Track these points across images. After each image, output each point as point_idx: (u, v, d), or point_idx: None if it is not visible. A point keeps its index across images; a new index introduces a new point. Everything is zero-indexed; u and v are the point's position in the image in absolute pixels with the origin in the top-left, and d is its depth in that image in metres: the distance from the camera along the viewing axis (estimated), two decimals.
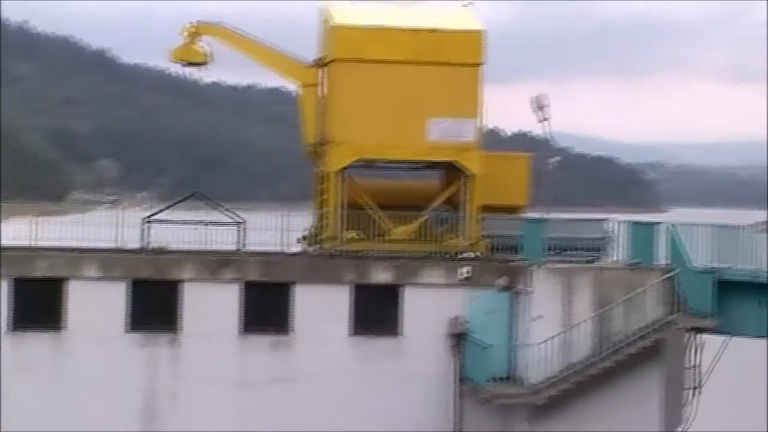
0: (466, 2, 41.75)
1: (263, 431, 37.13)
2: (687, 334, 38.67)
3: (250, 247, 39.95)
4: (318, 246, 40.41)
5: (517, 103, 42.52)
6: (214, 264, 37.76)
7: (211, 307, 37.34)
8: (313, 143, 41.31)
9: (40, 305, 37.09)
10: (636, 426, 37.34)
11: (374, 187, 41.19)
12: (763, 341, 38.81)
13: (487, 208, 40.32)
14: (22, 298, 37.11)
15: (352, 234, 39.62)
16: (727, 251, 38.30)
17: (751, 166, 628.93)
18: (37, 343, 36.96)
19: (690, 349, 39.13)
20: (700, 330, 38.14)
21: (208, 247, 39.59)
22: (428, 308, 37.98)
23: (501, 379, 37.35)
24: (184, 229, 39.87)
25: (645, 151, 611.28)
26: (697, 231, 39.31)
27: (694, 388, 39.21)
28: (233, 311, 37.49)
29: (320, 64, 41.44)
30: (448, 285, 38.08)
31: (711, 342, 39.07)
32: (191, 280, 37.44)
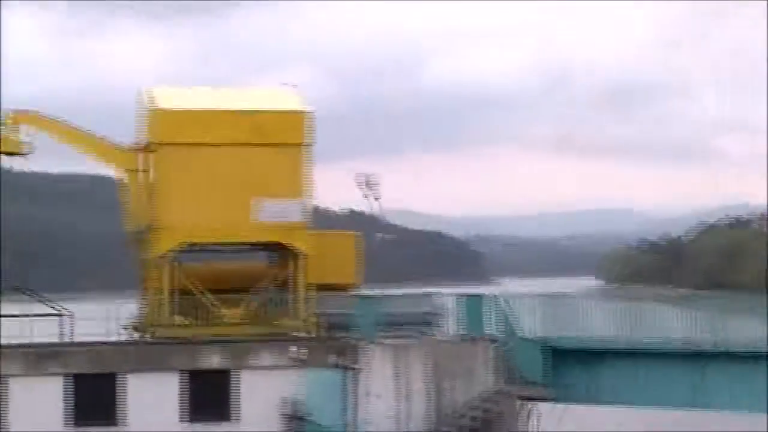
0: (289, 84, 41.91)
1: None
2: (520, 404, 38.93)
3: (78, 338, 39.03)
4: (147, 334, 39.73)
5: (348, 181, 42.66)
6: (39, 357, 36.71)
7: (38, 402, 36.27)
8: (136, 229, 40.69)
9: None
10: None
11: (203, 271, 40.85)
12: (595, 407, 39.47)
13: (319, 288, 40.26)
14: None
15: (182, 320, 39.11)
16: (557, 320, 39.05)
17: (576, 235, 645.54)
18: None
19: (525, 419, 39.40)
20: (533, 399, 38.49)
21: (33, 341, 38.49)
22: (263, 391, 37.58)
23: None
24: (6, 324, 38.70)
25: (475, 224, 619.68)
26: (526, 301, 39.97)
27: None
28: (59, 405, 36.43)
29: (140, 148, 40.90)
30: (282, 366, 37.76)
31: (549, 410, 39.37)
32: (16, 375, 36.33)
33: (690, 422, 49.51)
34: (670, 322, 39.67)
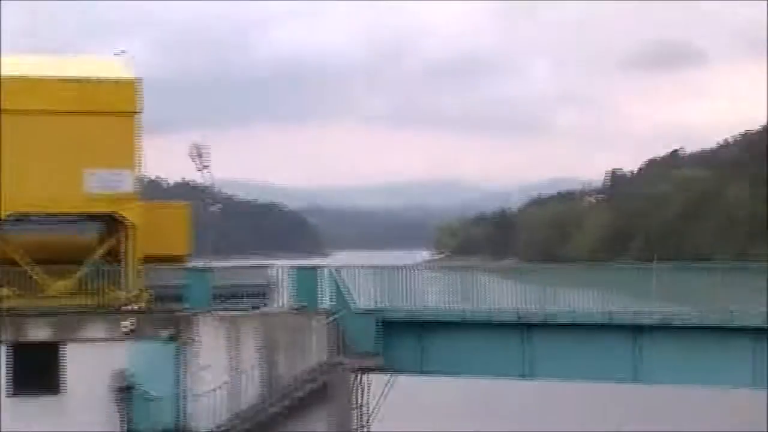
0: (119, 51, 41.34)
1: None
2: (354, 375, 39.24)
3: None
4: None
5: (180, 152, 42.36)
6: None
7: None
8: None
9: None
10: None
11: (30, 242, 40.05)
12: (425, 377, 40.03)
13: (149, 259, 39.85)
14: None
15: (7, 291, 38.41)
16: (389, 292, 39.48)
17: (411, 206, 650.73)
18: None
19: (357, 389, 39.73)
20: (365, 370, 38.82)
21: None
22: (91, 363, 37.22)
23: (170, 431, 36.90)
24: None
25: (310, 196, 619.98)
26: (359, 273, 40.28)
27: (362, 427, 39.84)
28: None
29: None
30: (111, 339, 37.43)
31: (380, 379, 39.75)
32: None
33: (519, 390, 50.43)
34: (499, 293, 40.48)
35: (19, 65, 39.37)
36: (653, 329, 37.62)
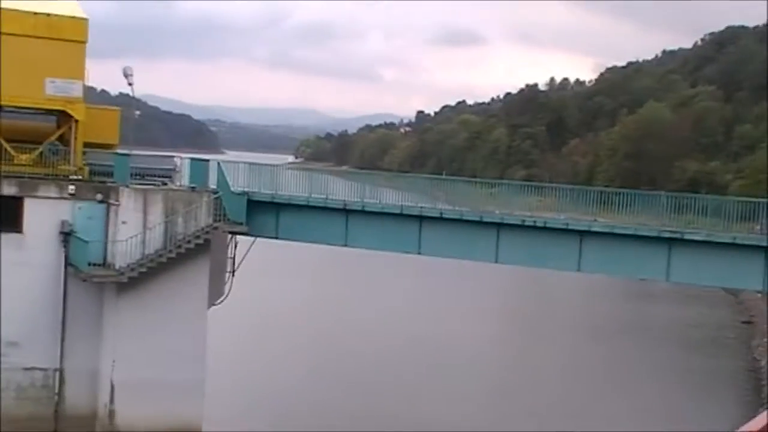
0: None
1: None
2: (227, 236, 39.19)
3: None
4: None
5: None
6: None
7: None
8: None
9: None
10: (192, 297, 37.32)
11: (4, 126, 38.62)
12: (278, 240, 40.19)
13: (89, 145, 38.96)
14: None
15: None
16: (259, 181, 39.43)
17: (281, 125, 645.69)
18: None
19: (229, 246, 39.74)
20: (235, 233, 38.79)
21: None
22: (44, 214, 36.27)
23: (97, 265, 36.34)
24: None
25: (212, 111, 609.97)
26: (237, 167, 40.06)
27: (231, 272, 39.93)
28: None
29: None
30: (60, 198, 36.49)
31: (245, 241, 39.80)
32: None
33: (342, 253, 50.83)
34: (334, 187, 40.78)
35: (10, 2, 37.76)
36: (433, 219, 38.33)
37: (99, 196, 36.82)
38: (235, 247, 39.53)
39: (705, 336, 74.20)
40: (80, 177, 38.09)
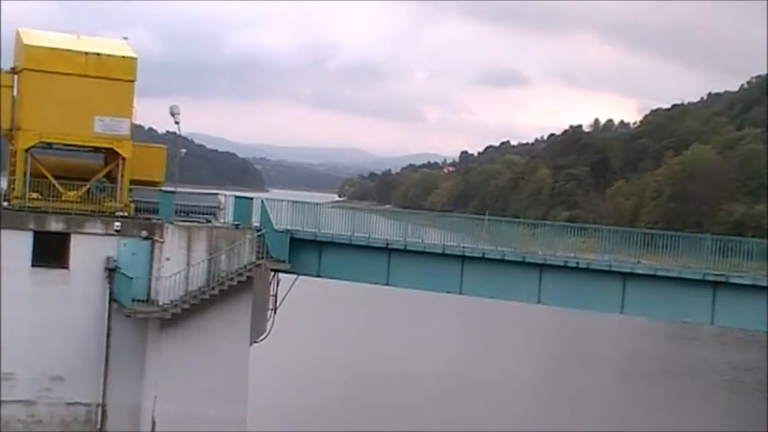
0: (124, 37, 40.65)
1: None
2: (270, 273, 39.27)
3: None
4: (9, 203, 38.14)
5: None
6: None
7: None
8: (7, 128, 38.77)
9: None
10: (234, 333, 37.47)
11: (53, 163, 39.43)
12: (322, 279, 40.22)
13: (135, 182, 39.51)
14: None
15: (35, 195, 37.76)
16: (301, 219, 39.55)
17: (325, 164, 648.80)
18: None
19: (272, 284, 39.83)
20: (278, 270, 38.86)
21: None
22: (90, 250, 36.78)
23: (141, 301, 36.61)
24: None
25: (257, 150, 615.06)
26: (281, 205, 40.28)
27: (273, 309, 39.99)
28: None
29: (14, 71, 38.86)
30: (105, 234, 36.98)
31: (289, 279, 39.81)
32: None
33: (385, 292, 50.72)
34: (376, 226, 40.80)
35: (51, 39, 38.65)
36: (475, 259, 38.09)
37: (143, 233, 37.20)
38: (278, 284, 39.61)
39: (756, 379, 72.77)
40: (126, 214, 38.58)
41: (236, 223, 38.85)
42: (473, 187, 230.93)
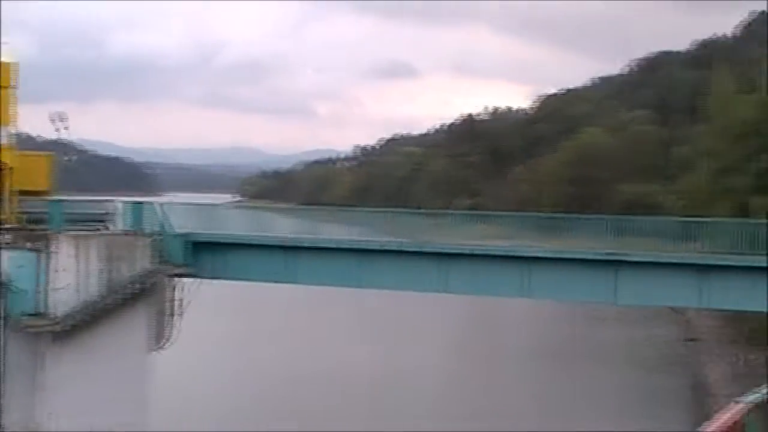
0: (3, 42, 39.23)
1: None
2: (169, 278, 38.44)
3: None
4: None
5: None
6: None
7: None
8: None
9: None
10: (132, 342, 36.54)
11: None
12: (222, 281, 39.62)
13: (22, 192, 38.24)
14: None
15: None
16: (199, 221, 38.93)
17: (222, 164, 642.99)
18: None
19: (171, 288, 38.95)
20: (178, 275, 38.08)
21: None
22: None
23: (32, 315, 35.35)
24: None
25: (149, 153, 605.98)
26: (176, 208, 39.56)
27: (174, 315, 39.13)
28: None
29: None
30: None
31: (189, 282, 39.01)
32: None
33: (286, 290, 50.39)
34: (275, 224, 40.44)
35: None
36: (372, 252, 38.07)
37: (28, 245, 35.93)
38: (182, 289, 38.83)
39: (652, 354, 75.13)
40: (12, 225, 37.16)
41: (130, 229, 37.89)
42: (374, 180, 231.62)
